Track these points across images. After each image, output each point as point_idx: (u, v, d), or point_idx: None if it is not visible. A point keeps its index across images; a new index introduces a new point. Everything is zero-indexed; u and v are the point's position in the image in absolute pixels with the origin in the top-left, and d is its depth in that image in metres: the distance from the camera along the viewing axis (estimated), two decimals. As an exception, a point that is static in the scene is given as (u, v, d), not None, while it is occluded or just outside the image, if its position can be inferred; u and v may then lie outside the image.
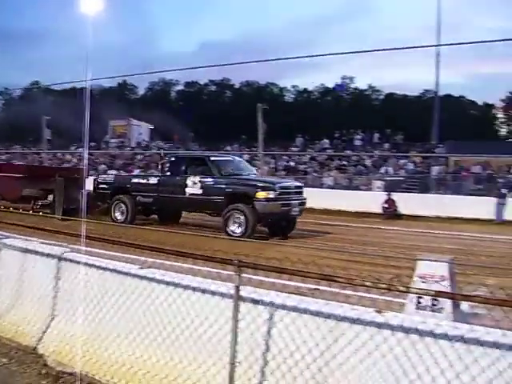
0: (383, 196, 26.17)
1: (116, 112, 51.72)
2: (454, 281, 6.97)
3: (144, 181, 18.70)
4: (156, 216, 19.28)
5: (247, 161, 35.24)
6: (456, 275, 7.21)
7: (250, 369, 4.49)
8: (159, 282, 5.21)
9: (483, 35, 66.58)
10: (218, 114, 64.47)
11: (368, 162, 35.12)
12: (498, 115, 77.70)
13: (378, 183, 30.14)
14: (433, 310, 6.81)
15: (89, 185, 20.53)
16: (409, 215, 24.59)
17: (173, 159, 19.12)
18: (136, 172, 33.02)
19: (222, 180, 16.78)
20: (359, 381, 4.01)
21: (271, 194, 15.84)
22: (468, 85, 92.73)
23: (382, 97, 77.18)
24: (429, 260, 7.41)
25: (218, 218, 16.73)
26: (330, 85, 77.77)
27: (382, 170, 32.63)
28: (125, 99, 71.48)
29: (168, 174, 18.14)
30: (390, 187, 28.04)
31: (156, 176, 19.00)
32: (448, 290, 6.38)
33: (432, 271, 6.98)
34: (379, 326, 3.96)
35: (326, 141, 42.96)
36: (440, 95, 46.88)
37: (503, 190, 24.72)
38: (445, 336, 3.76)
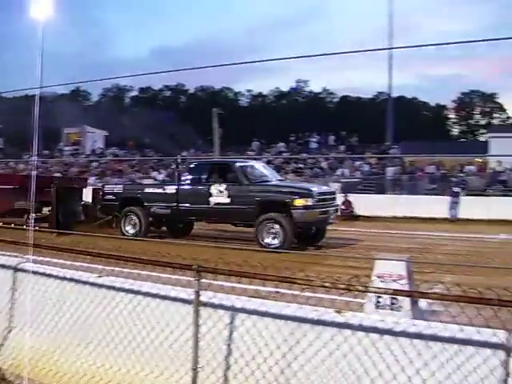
0: (340, 198, 26.40)
1: (69, 119, 51.00)
2: (412, 279, 7.08)
3: (159, 190, 17.24)
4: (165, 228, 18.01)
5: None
6: (413, 273, 7.32)
7: (212, 374, 4.49)
8: (118, 289, 5.16)
9: (433, 38, 67.94)
10: (173, 119, 64.20)
11: (324, 165, 35.38)
12: (450, 116, 79.46)
13: (335, 185, 30.38)
14: (392, 309, 6.91)
15: (86, 195, 19.70)
16: (366, 216, 24.85)
17: (192, 166, 17.42)
18: (92, 180, 31.69)
19: (252, 187, 15.51)
20: (321, 381, 4.05)
21: (309, 201, 14.57)
22: (420, 86, 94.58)
23: (336, 99, 78.12)
24: (387, 259, 7.53)
25: (237, 227, 16.15)
26: (285, 88, 78.48)
27: (338, 172, 32.93)
28: (78, 106, 70.56)
29: (188, 182, 16.66)
30: (347, 189, 28.28)
31: (173, 185, 17.18)
32: (406, 288, 6.48)
33: (390, 270, 7.08)
34: (340, 326, 4.01)
35: (282, 144, 43.17)
36: (393, 97, 47.48)
37: (456, 189, 25.20)
38: (404, 333, 3.82)
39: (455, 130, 79.43)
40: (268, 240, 14.45)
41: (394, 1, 42.06)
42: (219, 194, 15.60)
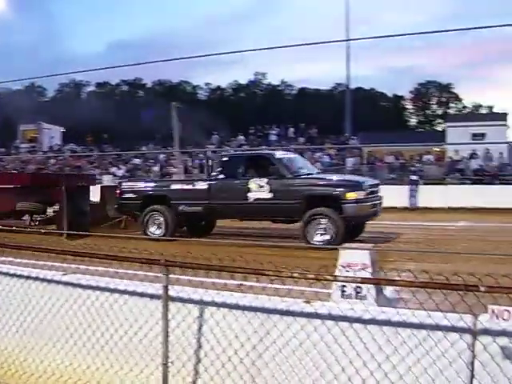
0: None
1: (25, 115, 50.06)
2: (377, 268, 7.17)
3: (188, 187, 15.91)
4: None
5: (165, 160, 35.01)
6: (378, 262, 7.42)
7: (183, 368, 4.49)
8: (85, 287, 5.12)
9: (390, 29, 68.64)
10: (132, 113, 63.62)
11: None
12: (408, 106, 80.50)
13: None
14: (357, 298, 6.99)
15: (94, 194, 18.44)
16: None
17: (225, 159, 15.97)
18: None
19: (296, 181, 14.62)
20: (293, 371, 4.09)
21: (360, 195, 13.85)
22: (378, 77, 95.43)
23: (294, 92, 78.34)
24: (351, 249, 7.60)
25: (263, 223, 15.51)
26: (243, 81, 78.44)
27: (299, 163, 33.06)
28: (34, 102, 69.34)
29: (221, 177, 15.37)
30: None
31: (205, 180, 15.97)
32: (371, 276, 6.55)
33: (355, 259, 7.15)
34: (309, 315, 4.05)
35: (242, 137, 43.14)
36: (351, 88, 48.03)
37: (414, 177, 25.62)
38: (373, 321, 3.89)
39: (413, 121, 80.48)
40: (317, 237, 13.58)
41: (350, -7, 42.50)
42: (259, 189, 14.51)
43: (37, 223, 17.62)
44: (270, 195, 14.39)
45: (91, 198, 18.02)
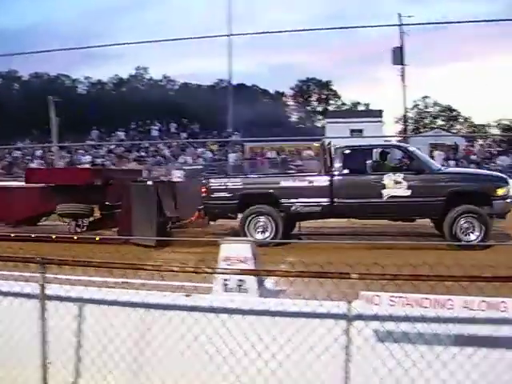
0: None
1: None
2: (258, 261, 7.30)
3: (303, 184, 13.64)
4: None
5: (41, 157, 33.73)
6: (259, 255, 7.56)
7: (63, 368, 4.38)
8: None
9: (271, 26, 69.77)
10: (6, 108, 60.84)
11: (166, 152, 35.28)
12: (289, 103, 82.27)
13: (178, 173, 30.41)
14: (239, 291, 7.08)
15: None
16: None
17: (348, 152, 13.80)
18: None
19: (437, 176, 13.30)
20: (175, 364, 4.09)
21: (507, 190, 12.94)
22: (259, 74, 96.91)
23: (176, 87, 77.89)
24: (231, 242, 7.70)
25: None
26: (125, 76, 77.06)
27: (181, 159, 32.98)
28: None
29: (345, 172, 13.45)
30: (191, 176, 28.40)
31: (324, 176, 13.65)
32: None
33: (235, 253, 7.25)
34: (189, 309, 4.06)
35: (122, 133, 42.38)
36: (233, 84, 48.36)
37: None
38: (252, 311, 3.96)
39: (294, 117, 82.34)
40: (466, 236, 12.45)
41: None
42: (396, 186, 12.98)
43: (84, 229, 14.86)
44: (408, 192, 12.90)
45: None
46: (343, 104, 78.29)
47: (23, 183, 15.75)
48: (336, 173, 13.37)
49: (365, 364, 3.80)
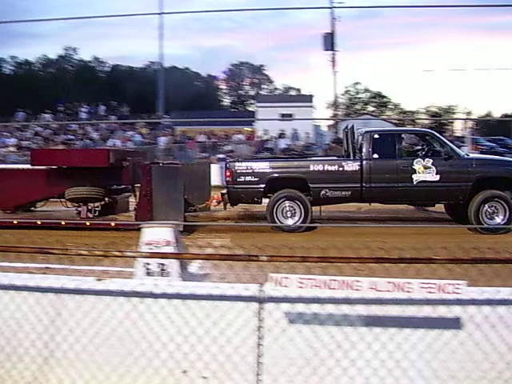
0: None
1: None
2: (181, 244, 7.27)
3: (334, 167, 13.62)
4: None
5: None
6: (181, 239, 7.53)
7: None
8: None
9: (204, 6, 69.30)
10: None
11: (95, 135, 34.60)
12: (221, 86, 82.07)
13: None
14: (162, 275, 7.03)
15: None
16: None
17: (377, 136, 13.98)
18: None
19: (464, 162, 13.65)
20: (84, 350, 4.01)
21: None
22: (192, 57, 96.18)
23: (107, 69, 76.43)
24: (153, 226, 7.62)
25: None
26: (53, 56, 75.05)
27: (110, 142, 32.36)
28: None
29: (375, 156, 13.59)
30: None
31: (355, 160, 13.68)
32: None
33: (157, 237, 7.19)
34: (99, 293, 3.98)
35: (48, 115, 41.15)
36: (165, 67, 47.73)
37: (221, 156, 26.31)
38: (164, 295, 3.91)
39: (226, 101, 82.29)
40: (492, 220, 13.00)
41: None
42: (425, 171, 13.26)
43: (96, 213, 13.95)
44: (436, 177, 13.24)
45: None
46: (276, 89, 78.75)
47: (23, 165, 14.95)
48: (366, 157, 13.56)
49: (276, 346, 3.83)
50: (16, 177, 14.37)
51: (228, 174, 13.85)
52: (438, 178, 13.19)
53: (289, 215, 13.38)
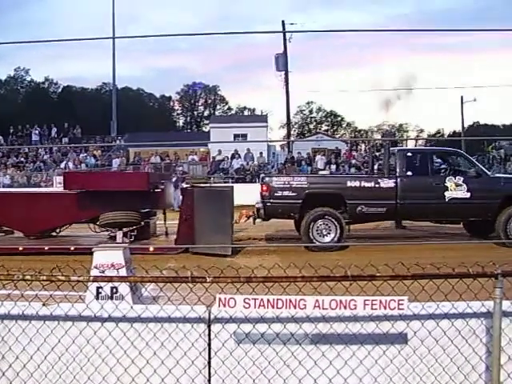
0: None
1: None
2: (131, 267, 7.23)
3: (370, 184, 13.77)
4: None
5: None
6: (132, 261, 7.50)
7: None
8: None
9: (160, 29, 69.40)
10: None
11: (47, 158, 34.13)
12: (175, 107, 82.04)
13: (60, 179, 29.54)
14: (112, 299, 6.98)
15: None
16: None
17: (410, 155, 14.33)
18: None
19: (492, 180, 14.38)
20: (31, 377, 3.96)
21: None
22: (145, 78, 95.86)
23: (59, 90, 75.64)
24: (104, 249, 7.57)
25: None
26: (3, 77, 73.97)
27: (62, 165, 31.95)
28: None
29: (408, 174, 13.87)
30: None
31: (390, 177, 13.89)
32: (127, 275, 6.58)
33: (108, 260, 7.14)
34: (45, 318, 3.91)
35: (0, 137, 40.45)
36: (118, 88, 47.59)
37: (174, 178, 26.20)
38: (111, 318, 3.90)
39: (180, 121, 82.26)
40: None
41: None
42: (456, 188, 13.62)
43: (132, 239, 13.39)
44: (467, 195, 13.60)
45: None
46: (229, 109, 79.05)
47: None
48: (401, 175, 13.83)
49: (224, 366, 3.85)
50: (43, 200, 14.03)
51: (265, 188, 13.84)
52: (468, 195, 13.59)
53: (325, 233, 13.45)
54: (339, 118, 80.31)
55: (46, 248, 12.05)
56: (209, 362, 3.86)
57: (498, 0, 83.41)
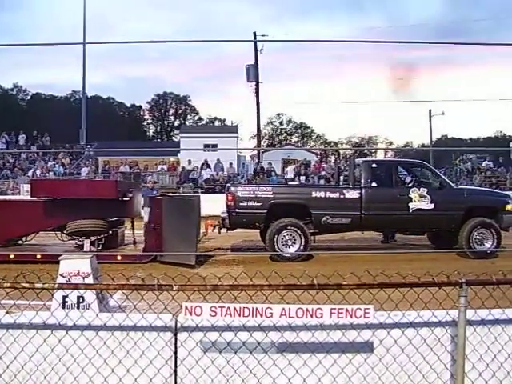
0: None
1: None
2: (98, 275, 7.17)
3: (335, 195, 13.79)
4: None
5: None
6: (99, 270, 7.44)
7: None
8: None
9: (129, 37, 69.14)
10: None
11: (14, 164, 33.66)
12: (146, 116, 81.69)
13: (27, 187, 29.15)
14: (79, 307, 6.91)
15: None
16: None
17: (375, 166, 14.35)
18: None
19: (455, 191, 14.76)
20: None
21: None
22: (116, 86, 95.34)
23: (28, 97, 74.82)
24: (70, 258, 7.51)
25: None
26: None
27: (30, 173, 31.50)
28: None
29: (373, 185, 13.94)
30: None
31: (355, 188, 13.94)
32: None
33: (75, 269, 7.08)
34: (8, 326, 3.84)
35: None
36: (88, 96, 47.25)
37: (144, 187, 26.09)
38: (76, 327, 3.85)
39: (151, 130, 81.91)
40: (483, 245, 13.69)
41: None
42: (421, 199, 13.73)
43: (99, 247, 13.29)
44: (431, 206, 13.74)
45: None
46: (200, 119, 78.96)
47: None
48: (365, 186, 13.94)
49: (191, 375, 3.83)
50: (10, 208, 13.87)
51: (230, 198, 13.76)
52: (432, 206, 13.76)
53: (290, 243, 13.42)
54: (309, 130, 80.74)
55: (12, 256, 11.95)
56: (175, 371, 3.83)
57: (471, 14, 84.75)
